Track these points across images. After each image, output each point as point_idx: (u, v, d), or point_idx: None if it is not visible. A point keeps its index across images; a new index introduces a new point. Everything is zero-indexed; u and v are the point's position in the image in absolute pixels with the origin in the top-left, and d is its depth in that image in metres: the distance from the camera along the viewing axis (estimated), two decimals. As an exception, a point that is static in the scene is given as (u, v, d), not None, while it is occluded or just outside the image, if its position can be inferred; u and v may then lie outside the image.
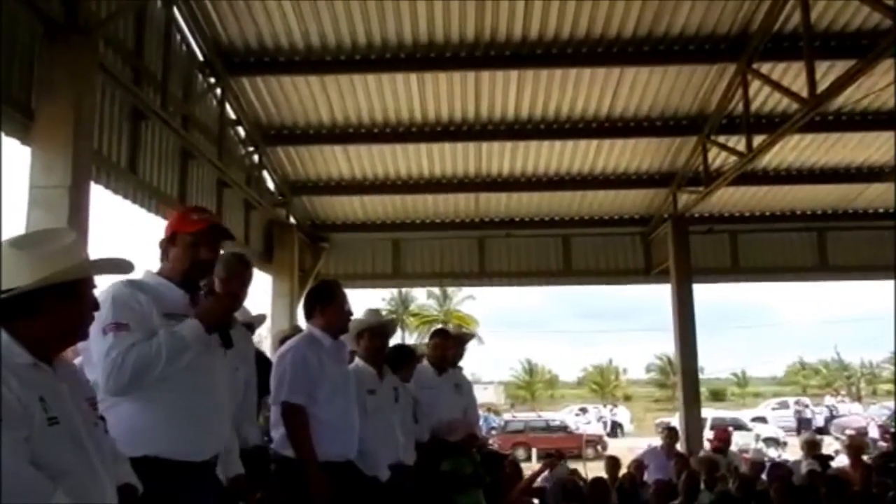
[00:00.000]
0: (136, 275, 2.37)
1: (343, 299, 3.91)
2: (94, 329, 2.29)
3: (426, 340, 5.91)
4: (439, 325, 37.73)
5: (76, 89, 4.89)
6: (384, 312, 5.15)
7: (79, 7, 5.09)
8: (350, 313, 3.95)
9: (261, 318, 4.88)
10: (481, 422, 13.17)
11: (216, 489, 2.60)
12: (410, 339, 37.96)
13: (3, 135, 4.63)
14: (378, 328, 4.40)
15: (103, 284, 2.39)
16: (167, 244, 2.60)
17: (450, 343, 5.40)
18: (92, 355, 2.38)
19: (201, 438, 2.47)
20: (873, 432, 19.78)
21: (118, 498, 1.91)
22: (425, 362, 5.31)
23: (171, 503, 2.31)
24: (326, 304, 3.85)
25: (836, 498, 5.53)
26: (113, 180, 6.16)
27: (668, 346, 14.47)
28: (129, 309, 2.37)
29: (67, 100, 4.83)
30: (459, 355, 5.82)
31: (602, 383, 56.56)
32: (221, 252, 2.85)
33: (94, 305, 1.99)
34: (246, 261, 3.57)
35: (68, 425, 1.78)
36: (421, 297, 48.16)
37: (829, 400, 35.96)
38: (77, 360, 2.57)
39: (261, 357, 4.70)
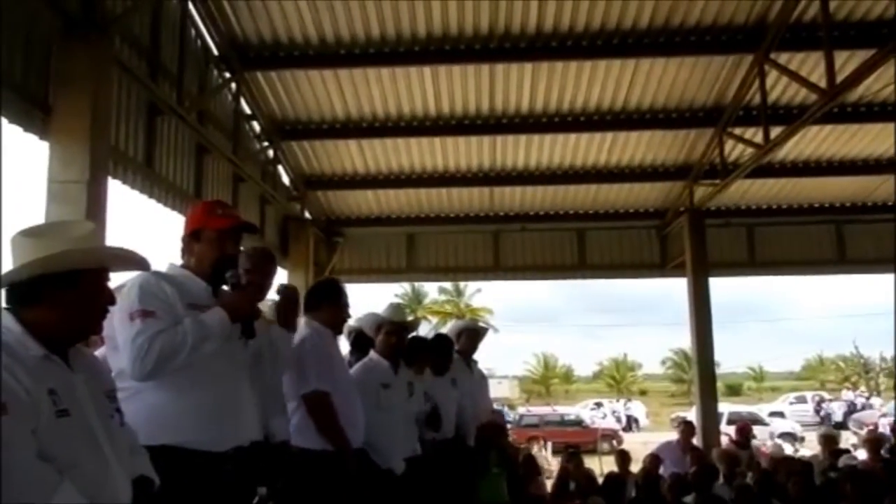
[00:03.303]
0: (160, 267, 2.40)
1: (346, 300, 4.03)
2: (121, 316, 2.34)
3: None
4: (453, 320, 37.63)
5: (93, 84, 4.92)
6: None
7: (95, 3, 5.13)
8: (349, 315, 4.09)
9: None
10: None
11: (240, 481, 2.56)
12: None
13: (5, 126, 4.64)
14: (398, 324, 4.46)
15: (127, 276, 2.42)
16: (191, 239, 2.61)
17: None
18: (118, 343, 2.40)
19: (222, 428, 2.47)
20: (885, 429, 19.54)
21: (132, 490, 1.90)
22: None
23: (189, 493, 2.31)
24: (333, 301, 3.97)
25: (858, 492, 5.46)
26: (130, 175, 6.20)
27: (684, 340, 14.37)
28: (155, 297, 2.40)
29: (84, 95, 4.86)
30: (473, 349, 5.83)
31: (617, 378, 56.37)
32: (242, 247, 2.87)
33: (109, 299, 1.93)
34: (271, 255, 3.59)
35: (79, 417, 1.77)
36: (433, 292, 48.10)
37: (847, 395, 35.56)
38: (99, 352, 2.59)
39: None
